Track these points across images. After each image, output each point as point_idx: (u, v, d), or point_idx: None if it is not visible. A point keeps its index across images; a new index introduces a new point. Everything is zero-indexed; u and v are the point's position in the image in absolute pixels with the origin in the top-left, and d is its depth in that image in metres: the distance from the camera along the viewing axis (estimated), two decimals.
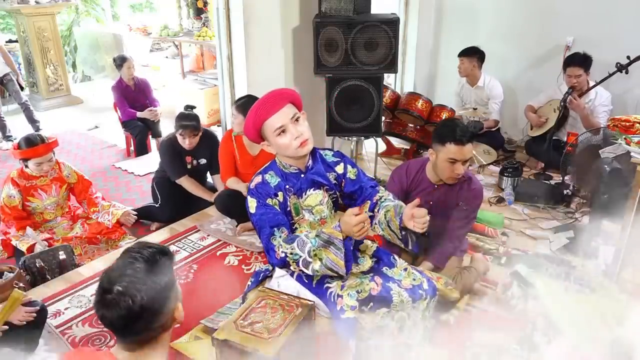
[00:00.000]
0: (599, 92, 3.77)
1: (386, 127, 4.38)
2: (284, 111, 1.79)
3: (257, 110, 1.80)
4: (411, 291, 1.88)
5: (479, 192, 2.51)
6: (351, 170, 2.02)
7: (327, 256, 1.71)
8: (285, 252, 1.75)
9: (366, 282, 1.85)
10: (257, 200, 1.84)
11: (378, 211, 1.95)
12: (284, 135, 1.79)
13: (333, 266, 1.72)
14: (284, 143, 1.80)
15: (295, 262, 1.75)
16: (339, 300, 1.80)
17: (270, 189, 1.85)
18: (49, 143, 2.96)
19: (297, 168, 1.91)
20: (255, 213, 1.84)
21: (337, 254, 1.70)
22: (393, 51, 3.40)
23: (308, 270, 1.74)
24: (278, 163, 1.92)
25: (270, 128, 1.79)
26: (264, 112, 1.79)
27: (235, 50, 3.48)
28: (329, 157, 2.03)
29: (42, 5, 6.08)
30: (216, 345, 1.66)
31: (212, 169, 3.57)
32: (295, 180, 1.90)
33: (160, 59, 7.73)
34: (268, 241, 1.78)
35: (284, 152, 1.84)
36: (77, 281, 2.74)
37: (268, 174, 1.89)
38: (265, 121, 1.79)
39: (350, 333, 1.76)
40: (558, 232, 3.15)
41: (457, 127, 2.29)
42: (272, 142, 1.83)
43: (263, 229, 1.81)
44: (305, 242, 1.74)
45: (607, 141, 2.90)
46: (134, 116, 4.72)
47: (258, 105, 1.80)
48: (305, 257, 1.73)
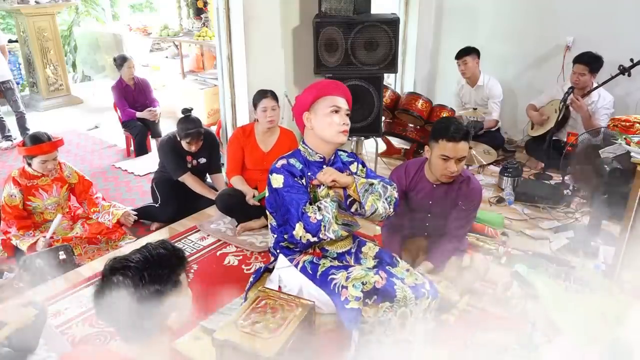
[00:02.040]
0: (602, 95, 3.76)
1: (386, 127, 4.38)
2: (345, 100, 1.96)
3: (326, 85, 1.95)
4: (414, 288, 1.90)
5: (478, 191, 2.51)
6: (362, 169, 2.10)
7: (340, 217, 1.86)
8: (321, 215, 1.82)
9: (371, 275, 1.87)
10: (284, 176, 1.89)
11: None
12: (336, 115, 1.89)
13: (347, 221, 1.88)
14: (332, 121, 1.89)
15: (324, 226, 1.82)
16: (343, 291, 1.83)
17: (295, 170, 1.92)
18: (55, 141, 2.97)
19: (322, 157, 1.97)
20: (282, 187, 1.88)
21: (345, 212, 1.90)
22: (393, 51, 3.40)
23: (330, 233, 1.83)
24: (303, 150, 1.98)
25: (328, 103, 1.90)
26: (332, 88, 1.93)
27: (235, 50, 3.48)
28: (344, 157, 2.11)
29: (42, 5, 6.07)
30: (216, 345, 1.66)
31: (210, 169, 3.57)
32: (316, 169, 1.95)
33: (160, 59, 7.72)
34: (302, 211, 1.83)
35: (324, 130, 1.91)
36: (77, 281, 2.74)
37: (292, 159, 1.96)
38: (328, 95, 1.91)
39: (354, 323, 1.78)
40: (558, 232, 3.15)
41: (452, 124, 2.29)
42: (319, 117, 1.91)
43: (294, 200, 1.85)
44: (326, 206, 1.85)
45: (607, 141, 2.90)
46: (134, 116, 4.72)
47: (327, 82, 2.00)
48: (330, 218, 1.83)
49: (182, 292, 1.26)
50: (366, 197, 1.90)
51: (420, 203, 2.52)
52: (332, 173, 1.88)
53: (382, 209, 1.93)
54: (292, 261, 1.99)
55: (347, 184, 1.89)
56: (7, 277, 2.30)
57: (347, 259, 2.06)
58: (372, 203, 1.91)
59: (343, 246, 2.06)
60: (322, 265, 1.95)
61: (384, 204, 1.95)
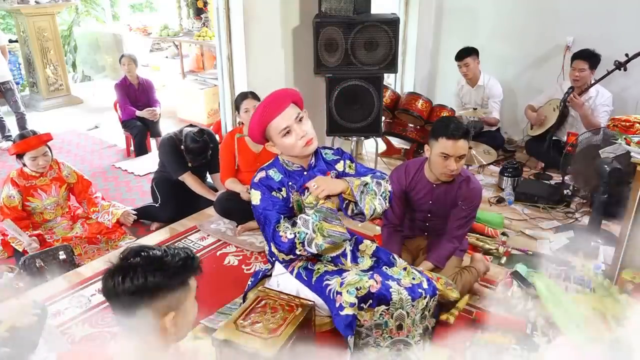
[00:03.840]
0: (600, 91, 3.76)
1: (386, 127, 4.37)
2: (287, 112, 1.81)
3: (261, 113, 1.82)
4: (410, 290, 1.88)
5: (477, 191, 2.51)
6: (350, 165, 2.03)
7: (327, 228, 1.74)
8: (293, 234, 1.75)
9: (365, 280, 1.85)
10: (261, 192, 1.86)
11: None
12: (289, 135, 1.81)
13: (335, 234, 1.75)
14: (289, 143, 1.82)
15: (301, 242, 1.75)
16: (338, 297, 1.81)
17: (274, 183, 1.88)
18: (40, 135, 2.97)
19: (300, 166, 1.92)
20: (259, 204, 1.85)
21: (335, 222, 1.76)
22: (393, 51, 3.40)
23: (312, 248, 1.74)
24: (281, 161, 1.93)
25: (275, 129, 1.81)
26: (267, 115, 1.81)
27: (235, 50, 3.48)
28: (329, 155, 2.04)
29: (42, 5, 6.08)
30: (216, 345, 1.66)
31: (211, 168, 3.57)
32: (297, 178, 1.91)
33: (160, 59, 7.73)
34: (274, 229, 1.78)
35: (289, 152, 1.86)
36: (77, 281, 2.73)
37: (271, 170, 1.91)
38: (269, 123, 1.81)
39: (349, 330, 1.77)
40: (558, 232, 3.15)
41: (452, 122, 2.29)
42: (277, 142, 1.85)
43: (268, 219, 1.82)
44: (307, 219, 1.76)
45: (607, 141, 2.90)
46: (134, 114, 4.73)
47: (261, 108, 1.83)
48: (310, 234, 1.74)
49: (188, 296, 1.29)
50: (363, 200, 1.83)
51: (420, 203, 2.52)
52: (325, 185, 1.78)
53: (380, 207, 1.88)
54: (287, 267, 1.97)
55: (342, 190, 1.82)
56: (7, 277, 2.30)
57: (342, 260, 2.01)
58: (370, 204, 1.85)
59: (336, 249, 2.01)
60: (317, 272, 1.92)
61: (380, 201, 1.89)
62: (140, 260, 1.21)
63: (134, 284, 1.18)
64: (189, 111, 5.76)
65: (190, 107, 5.75)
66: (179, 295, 1.26)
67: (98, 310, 2.48)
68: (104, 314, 2.43)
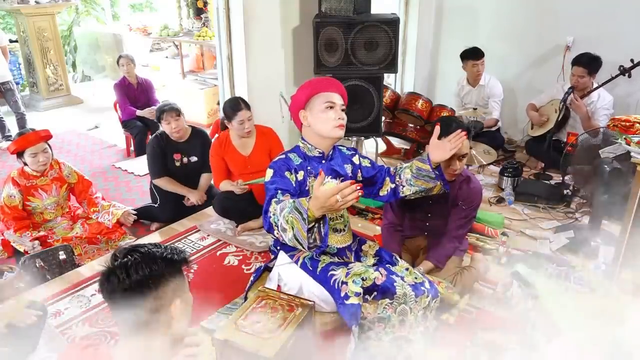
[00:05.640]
0: (601, 95, 3.76)
1: (386, 127, 4.38)
2: (339, 95, 1.97)
3: (319, 81, 1.97)
4: (414, 287, 1.91)
5: (478, 191, 2.51)
6: (364, 160, 2.14)
7: (296, 226, 1.60)
8: (274, 217, 1.68)
9: (371, 271, 1.88)
10: (274, 170, 1.89)
11: (400, 176, 2.06)
12: (331, 110, 1.91)
13: (299, 237, 1.60)
14: (326, 117, 1.91)
15: (277, 225, 1.67)
16: (343, 287, 1.83)
17: (292, 165, 1.92)
18: (39, 131, 2.98)
19: (321, 152, 1.98)
20: (269, 180, 1.88)
21: (302, 225, 1.58)
22: (393, 51, 3.40)
23: (285, 237, 1.65)
24: (302, 146, 2.00)
25: (323, 99, 1.92)
26: (324, 86, 1.95)
27: (235, 50, 3.48)
28: (345, 151, 2.14)
29: (42, 5, 6.08)
30: (216, 345, 1.66)
31: (204, 168, 3.50)
32: (316, 164, 1.97)
33: (160, 59, 7.73)
34: (268, 203, 1.75)
35: (320, 126, 1.93)
36: (77, 281, 2.74)
37: (292, 154, 1.98)
38: (321, 92, 1.93)
39: (354, 319, 1.78)
40: (558, 232, 3.15)
41: (454, 122, 2.30)
42: (314, 113, 1.92)
43: (268, 193, 1.83)
44: (284, 206, 1.65)
45: (607, 141, 2.90)
46: (134, 114, 4.73)
47: (320, 79, 1.99)
48: (282, 222, 1.64)
49: (185, 283, 1.31)
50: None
51: (420, 203, 2.52)
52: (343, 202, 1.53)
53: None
54: (292, 257, 1.99)
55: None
56: (7, 277, 2.29)
57: (347, 254, 2.06)
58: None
59: (343, 241, 2.06)
60: (322, 262, 1.94)
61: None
62: (136, 255, 1.23)
63: (141, 275, 1.20)
64: (189, 111, 5.72)
65: (190, 107, 5.73)
66: (179, 282, 1.28)
67: (98, 310, 2.48)
68: (104, 314, 2.43)
